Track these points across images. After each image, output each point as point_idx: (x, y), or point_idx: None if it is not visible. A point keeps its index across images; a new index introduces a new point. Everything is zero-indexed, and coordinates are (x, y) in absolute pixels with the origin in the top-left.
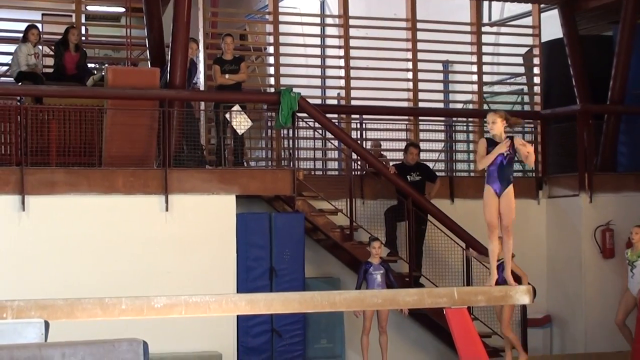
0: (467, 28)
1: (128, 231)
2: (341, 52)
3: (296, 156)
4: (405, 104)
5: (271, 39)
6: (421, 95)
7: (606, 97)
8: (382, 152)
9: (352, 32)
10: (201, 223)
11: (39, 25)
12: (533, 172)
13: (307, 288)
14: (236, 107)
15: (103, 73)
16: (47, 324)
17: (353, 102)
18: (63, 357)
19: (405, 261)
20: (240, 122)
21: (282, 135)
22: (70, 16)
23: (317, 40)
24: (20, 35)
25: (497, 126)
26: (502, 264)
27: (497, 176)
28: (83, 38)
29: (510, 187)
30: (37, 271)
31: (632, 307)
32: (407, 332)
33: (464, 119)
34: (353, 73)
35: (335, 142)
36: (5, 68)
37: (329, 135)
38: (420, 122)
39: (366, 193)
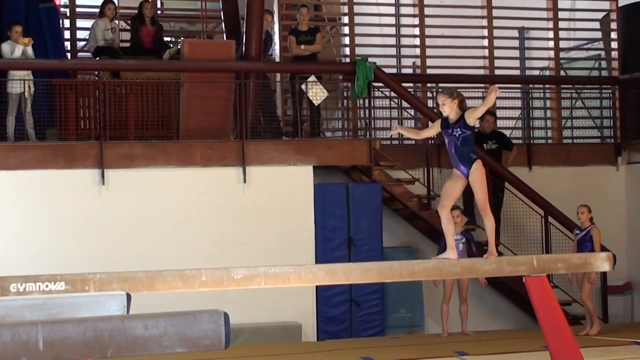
0: None
1: (206, 203)
2: (416, 21)
3: (372, 126)
4: (481, 72)
5: (346, 9)
6: (497, 63)
7: None
8: None
9: (427, 0)
10: (279, 194)
11: (115, 0)
12: (612, 139)
13: (385, 258)
14: (312, 78)
15: (179, 46)
16: (129, 296)
17: (428, 71)
18: (145, 329)
19: (483, 230)
20: (316, 92)
21: (358, 105)
22: None
23: (392, 9)
24: (97, 10)
25: (446, 107)
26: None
27: (457, 158)
28: (159, 12)
29: (475, 165)
30: (118, 244)
31: None
32: (486, 300)
33: (541, 86)
34: (428, 42)
35: (411, 112)
36: (83, 43)
37: (404, 104)
38: None
39: (443, 162)
